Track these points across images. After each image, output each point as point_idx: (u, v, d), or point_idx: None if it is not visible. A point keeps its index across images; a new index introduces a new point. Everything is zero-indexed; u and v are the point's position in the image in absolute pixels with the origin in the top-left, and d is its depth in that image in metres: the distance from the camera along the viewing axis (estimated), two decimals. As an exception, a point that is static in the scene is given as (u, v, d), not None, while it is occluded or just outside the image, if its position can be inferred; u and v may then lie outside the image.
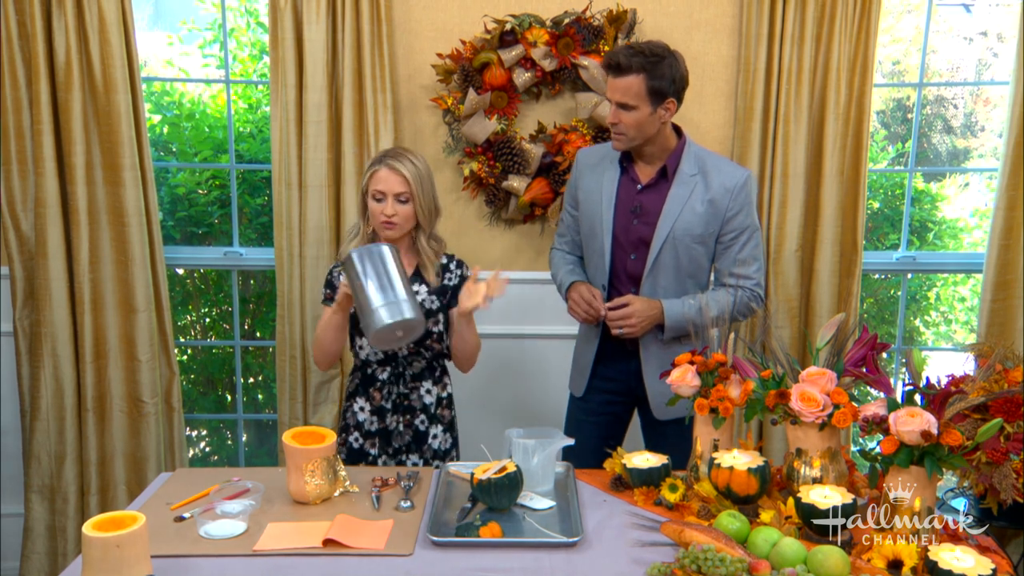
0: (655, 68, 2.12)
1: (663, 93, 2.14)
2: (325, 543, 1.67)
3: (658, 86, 2.13)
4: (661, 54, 2.14)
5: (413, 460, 2.28)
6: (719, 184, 2.23)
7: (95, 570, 1.47)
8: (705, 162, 2.26)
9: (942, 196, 3.78)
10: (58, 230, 2.79)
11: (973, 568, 1.46)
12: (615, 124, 2.19)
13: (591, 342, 2.40)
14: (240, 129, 3.29)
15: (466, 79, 2.76)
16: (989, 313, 2.89)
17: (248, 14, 3.32)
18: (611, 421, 2.44)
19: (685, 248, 2.25)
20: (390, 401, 2.26)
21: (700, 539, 1.57)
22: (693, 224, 2.23)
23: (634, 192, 2.28)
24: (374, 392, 2.26)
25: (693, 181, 2.24)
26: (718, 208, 2.24)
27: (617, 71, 2.14)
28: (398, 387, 2.27)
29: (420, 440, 2.28)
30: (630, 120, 2.16)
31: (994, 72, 4.30)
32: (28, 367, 2.89)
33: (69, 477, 2.89)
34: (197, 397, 3.57)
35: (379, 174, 2.15)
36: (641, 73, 2.11)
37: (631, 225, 2.27)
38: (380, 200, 2.16)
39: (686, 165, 2.25)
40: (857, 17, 2.72)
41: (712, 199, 2.23)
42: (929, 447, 1.56)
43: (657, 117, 2.17)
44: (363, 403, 2.27)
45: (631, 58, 2.11)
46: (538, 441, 1.95)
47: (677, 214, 2.23)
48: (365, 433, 2.27)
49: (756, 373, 1.88)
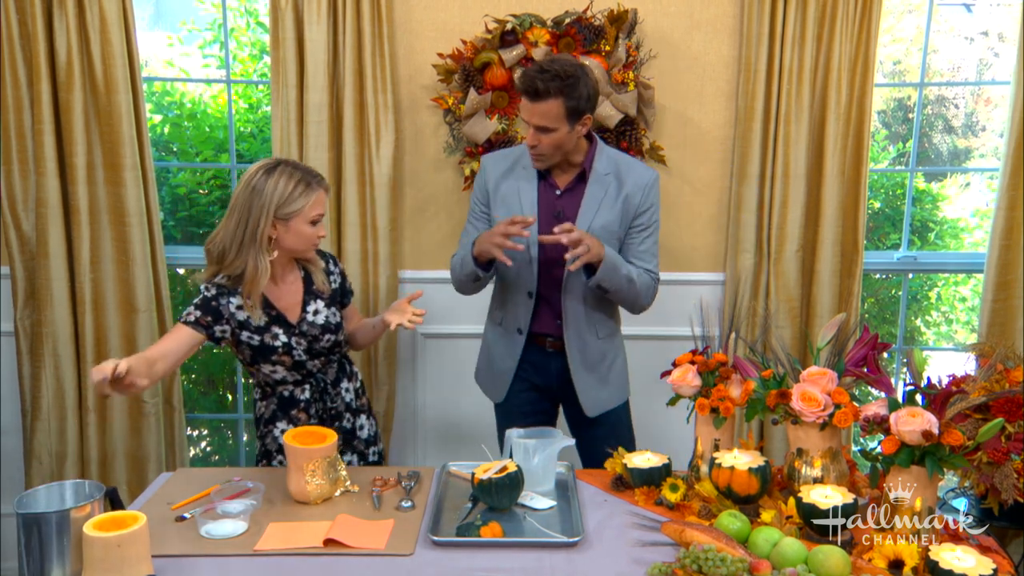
0: (572, 90, 2.09)
1: (580, 111, 2.13)
2: (326, 543, 1.68)
3: (575, 106, 2.11)
4: (575, 74, 2.10)
5: (347, 458, 2.24)
6: (632, 182, 2.26)
7: (96, 570, 1.48)
8: (617, 162, 2.29)
9: (943, 196, 3.78)
10: (59, 230, 2.79)
11: (974, 568, 1.46)
12: (534, 147, 2.17)
13: (511, 348, 2.36)
14: (241, 129, 3.29)
15: (467, 79, 2.76)
16: (990, 313, 2.89)
17: (248, 14, 3.32)
18: (541, 420, 2.39)
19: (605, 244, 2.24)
20: (317, 417, 2.19)
21: (701, 539, 1.57)
22: (611, 221, 2.25)
23: (554, 198, 2.28)
24: (298, 413, 2.17)
25: (607, 180, 2.26)
26: (631, 204, 2.26)
27: (535, 96, 2.09)
28: (323, 402, 2.20)
29: (349, 438, 2.26)
30: (549, 141, 2.15)
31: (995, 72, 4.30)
32: (29, 367, 2.89)
33: (70, 477, 2.89)
34: (198, 397, 3.57)
35: (320, 198, 2.07)
36: (559, 97, 2.08)
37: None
38: (317, 223, 2.08)
39: (600, 165, 2.26)
40: (858, 17, 2.72)
41: (627, 195, 2.26)
42: (930, 447, 1.56)
43: (575, 134, 2.17)
44: (285, 425, 2.17)
45: (548, 83, 2.07)
46: (539, 441, 1.95)
47: (594, 212, 2.24)
48: None
49: (757, 373, 1.88)
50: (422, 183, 2.91)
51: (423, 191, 2.91)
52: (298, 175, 2.04)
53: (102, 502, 1.63)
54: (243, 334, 2.08)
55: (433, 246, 2.94)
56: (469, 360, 3.04)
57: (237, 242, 2.03)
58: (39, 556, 1.54)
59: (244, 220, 2.02)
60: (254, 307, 2.07)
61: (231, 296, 2.07)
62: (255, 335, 2.08)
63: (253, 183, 2.02)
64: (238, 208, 2.03)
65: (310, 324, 2.14)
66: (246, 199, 2.02)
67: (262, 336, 2.09)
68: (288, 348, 2.10)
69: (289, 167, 2.06)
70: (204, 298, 2.07)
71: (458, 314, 2.95)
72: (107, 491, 1.66)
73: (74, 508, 1.56)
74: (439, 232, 2.94)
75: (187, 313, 2.05)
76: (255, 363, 2.14)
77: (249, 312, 2.07)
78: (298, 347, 2.11)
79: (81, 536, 1.50)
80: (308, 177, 2.06)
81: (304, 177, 2.05)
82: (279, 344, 2.10)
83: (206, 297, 2.06)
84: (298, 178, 2.04)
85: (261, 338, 2.09)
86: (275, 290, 2.13)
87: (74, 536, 1.54)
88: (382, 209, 2.82)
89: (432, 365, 3.01)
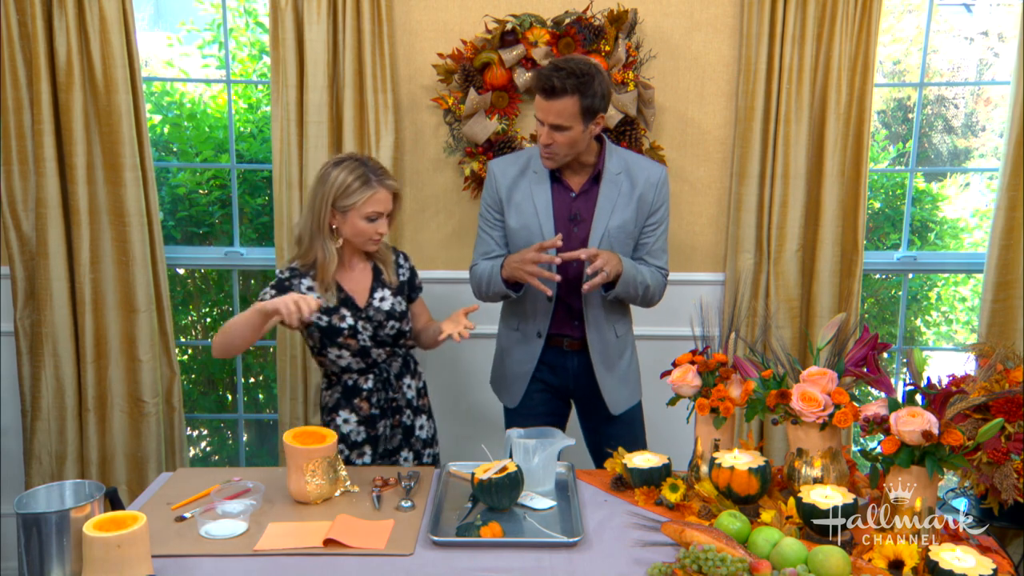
0: (587, 88, 2.10)
1: (594, 110, 2.14)
2: (326, 543, 1.68)
3: (590, 104, 2.12)
4: (590, 72, 2.12)
5: (404, 455, 2.30)
6: (644, 179, 2.28)
7: (96, 570, 1.48)
8: (627, 160, 2.30)
9: (943, 196, 3.78)
10: (59, 230, 2.79)
11: (974, 568, 1.46)
12: (548, 145, 2.17)
13: (529, 351, 2.35)
14: (240, 129, 3.29)
15: (467, 79, 2.76)
16: (990, 313, 2.89)
17: (247, 14, 3.32)
18: (554, 421, 2.41)
19: (620, 244, 2.26)
20: (379, 407, 2.24)
21: (701, 539, 1.57)
22: (627, 220, 2.26)
23: (569, 200, 2.28)
24: (360, 402, 2.23)
25: (619, 180, 2.27)
26: (645, 202, 2.28)
27: (551, 94, 2.10)
28: (385, 392, 2.25)
29: (408, 434, 2.30)
30: (564, 139, 2.15)
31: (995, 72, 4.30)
32: (29, 367, 2.89)
33: (70, 477, 2.89)
34: (198, 397, 3.57)
35: (378, 196, 2.11)
36: (575, 94, 2.09)
37: (572, 232, 2.27)
38: (374, 220, 2.14)
39: (611, 165, 2.27)
40: (858, 17, 2.72)
41: (640, 194, 2.27)
42: (930, 447, 1.56)
43: (589, 133, 2.18)
44: (347, 415, 2.23)
45: (564, 80, 2.08)
46: (539, 441, 1.95)
47: (610, 212, 2.25)
48: (351, 444, 2.24)
49: (757, 373, 1.88)
50: (422, 183, 2.91)
51: (423, 191, 2.91)
52: (360, 170, 2.11)
53: (102, 502, 1.63)
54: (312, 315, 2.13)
55: (433, 246, 2.94)
56: (469, 360, 3.04)
57: (309, 230, 2.15)
58: (39, 556, 1.54)
59: (312, 208, 2.14)
60: (327, 290, 2.15)
61: (303, 278, 2.17)
62: (323, 315, 2.16)
63: (321, 173, 2.15)
64: (310, 197, 2.17)
65: (376, 309, 2.21)
66: (315, 188, 2.15)
67: (330, 317, 2.16)
68: (354, 331, 2.17)
69: (356, 161, 2.14)
70: (279, 279, 2.17)
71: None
72: (107, 491, 1.66)
73: (74, 508, 1.56)
74: (439, 232, 2.94)
75: (264, 293, 2.15)
76: (323, 348, 2.21)
77: (320, 294, 2.15)
78: (364, 332, 2.18)
79: (81, 536, 1.50)
80: (369, 173, 2.12)
81: (365, 173, 2.11)
82: (345, 327, 2.17)
83: (280, 279, 2.18)
84: (359, 173, 2.11)
85: (329, 319, 2.16)
86: (345, 275, 2.22)
87: (74, 536, 1.54)
88: (382, 209, 2.81)
89: (433, 365, 3.01)
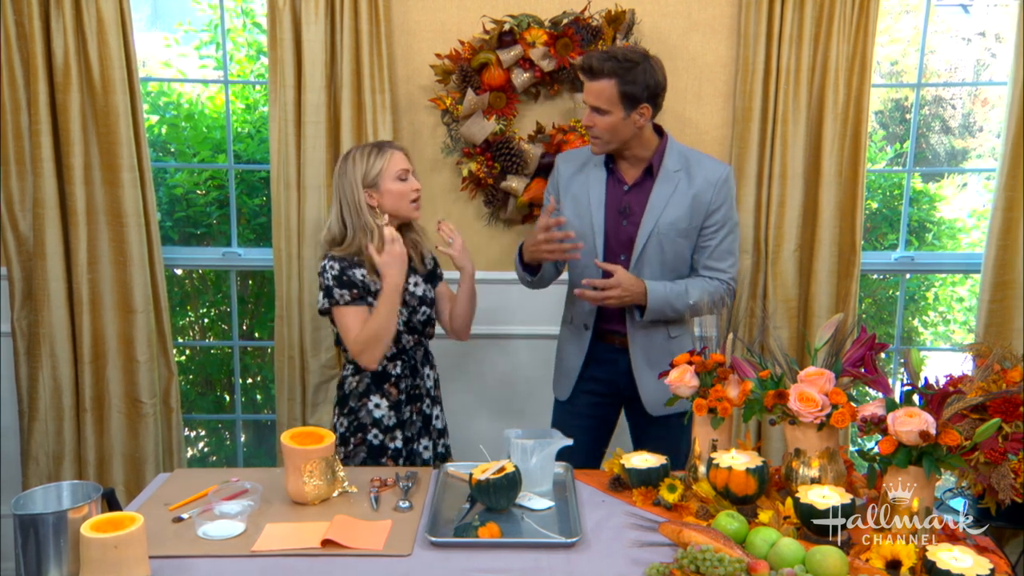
0: (627, 73, 2.12)
1: (636, 98, 2.14)
2: (323, 544, 1.67)
3: (630, 91, 2.13)
4: (635, 60, 2.14)
5: (424, 443, 2.35)
6: (702, 178, 2.26)
7: (93, 571, 1.47)
8: (688, 158, 2.29)
9: (940, 196, 3.78)
10: (56, 231, 2.79)
11: (971, 568, 1.46)
12: (590, 128, 2.21)
13: (578, 344, 2.38)
14: (238, 129, 3.29)
15: (464, 79, 2.76)
16: (987, 313, 2.89)
17: (244, 15, 3.32)
18: (599, 424, 2.43)
19: (670, 242, 2.26)
20: (405, 393, 2.31)
21: (698, 539, 1.57)
22: (678, 219, 2.24)
23: (621, 193, 2.29)
24: (389, 388, 2.29)
25: (677, 177, 2.26)
26: (701, 201, 2.25)
27: (590, 74, 2.15)
28: (412, 379, 2.33)
29: (427, 423, 2.36)
30: (604, 124, 2.17)
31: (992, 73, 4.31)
32: (26, 368, 2.88)
33: (67, 478, 2.89)
34: (195, 398, 3.57)
35: (397, 156, 2.23)
36: (613, 78, 2.12)
37: (620, 226, 2.28)
38: (405, 179, 2.24)
39: (669, 161, 2.27)
40: (855, 17, 2.72)
41: (696, 193, 2.25)
42: (927, 447, 1.56)
43: (631, 122, 2.18)
44: (378, 400, 2.28)
45: (604, 62, 2.12)
46: (537, 442, 1.95)
47: (661, 209, 2.24)
48: (384, 429, 2.28)
49: (754, 373, 1.88)
50: (420, 183, 2.90)
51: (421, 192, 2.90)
52: (369, 147, 2.25)
53: (99, 503, 1.62)
54: (369, 299, 2.20)
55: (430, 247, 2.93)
56: (468, 361, 3.04)
57: (349, 219, 2.21)
58: (36, 557, 1.53)
59: (345, 198, 2.22)
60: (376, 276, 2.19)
61: (354, 268, 2.20)
62: (374, 299, 2.20)
63: (340, 169, 2.25)
64: (336, 197, 2.24)
65: (411, 295, 2.29)
66: (339, 183, 2.24)
67: (375, 300, 2.19)
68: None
69: (361, 146, 2.27)
70: (336, 277, 2.19)
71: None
72: (104, 492, 1.66)
73: (71, 509, 1.56)
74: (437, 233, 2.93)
75: (339, 297, 2.18)
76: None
77: (372, 278, 2.20)
78: (401, 316, 2.24)
79: (78, 537, 1.49)
80: (380, 144, 2.26)
81: (375, 146, 2.25)
82: None
83: (337, 276, 2.19)
84: (369, 149, 2.24)
85: (375, 303, 2.19)
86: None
87: (71, 537, 1.53)
88: (380, 210, 2.81)
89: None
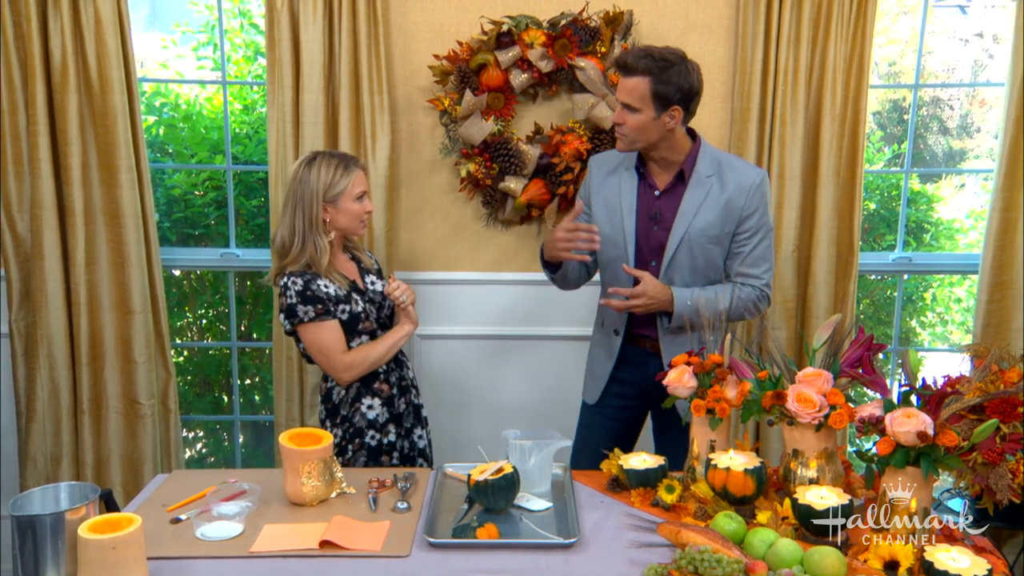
0: (662, 73, 2.11)
1: (668, 99, 2.12)
2: (322, 545, 1.67)
3: (663, 91, 2.11)
4: (671, 60, 2.12)
5: (419, 434, 2.39)
6: (735, 184, 2.23)
7: (91, 572, 1.47)
8: (721, 163, 2.26)
9: (938, 197, 3.78)
10: (54, 231, 2.78)
11: (969, 568, 1.46)
12: (619, 124, 2.20)
13: (608, 349, 2.38)
14: (236, 130, 3.29)
15: (463, 80, 2.76)
16: (985, 314, 2.90)
17: (242, 15, 3.31)
18: (624, 425, 2.43)
19: (701, 248, 2.24)
20: (396, 386, 2.32)
21: (697, 540, 1.57)
22: (710, 224, 2.22)
23: (653, 198, 2.28)
24: (380, 385, 2.29)
25: (709, 182, 2.23)
26: (734, 207, 2.23)
27: (625, 71, 2.15)
28: (399, 371, 2.35)
29: (417, 413, 2.40)
30: (633, 122, 2.16)
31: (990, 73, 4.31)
32: (24, 369, 2.88)
33: (65, 479, 2.88)
34: (193, 398, 3.56)
35: (359, 176, 2.24)
36: (647, 76, 2.11)
37: (651, 231, 2.27)
38: (362, 199, 2.25)
39: (702, 166, 2.24)
40: (853, 18, 2.73)
41: (729, 199, 2.22)
42: (925, 448, 1.56)
43: (661, 123, 2.16)
44: (370, 401, 2.28)
45: (639, 60, 2.12)
46: (535, 442, 1.94)
47: (693, 215, 2.22)
48: (380, 427, 2.28)
49: (753, 374, 1.88)
50: (418, 184, 2.90)
51: (419, 192, 2.91)
52: (335, 160, 2.23)
53: (97, 504, 1.62)
54: (338, 309, 2.20)
55: (429, 247, 2.94)
56: (465, 361, 3.04)
57: (299, 231, 2.20)
58: (33, 559, 1.53)
59: (299, 209, 2.20)
60: (339, 278, 2.23)
61: (317, 279, 2.19)
62: (345, 305, 2.22)
63: (299, 176, 2.21)
64: (291, 201, 2.21)
65: (373, 291, 2.32)
66: (296, 191, 2.21)
67: (349, 304, 2.23)
68: (367, 314, 2.27)
69: (326, 156, 2.24)
70: (300, 293, 2.17)
71: (453, 315, 2.96)
72: (102, 493, 1.66)
73: (69, 510, 1.55)
74: (435, 233, 2.94)
75: (303, 314, 2.17)
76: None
77: (336, 283, 2.21)
78: (372, 314, 2.28)
79: (76, 538, 1.49)
80: (345, 160, 2.24)
81: (341, 161, 2.23)
82: (360, 309, 2.25)
83: (300, 292, 2.17)
84: (336, 163, 2.22)
85: (349, 307, 2.22)
86: (340, 267, 2.30)
87: (69, 538, 1.53)
88: (378, 210, 2.81)
89: (427, 366, 3.01)
